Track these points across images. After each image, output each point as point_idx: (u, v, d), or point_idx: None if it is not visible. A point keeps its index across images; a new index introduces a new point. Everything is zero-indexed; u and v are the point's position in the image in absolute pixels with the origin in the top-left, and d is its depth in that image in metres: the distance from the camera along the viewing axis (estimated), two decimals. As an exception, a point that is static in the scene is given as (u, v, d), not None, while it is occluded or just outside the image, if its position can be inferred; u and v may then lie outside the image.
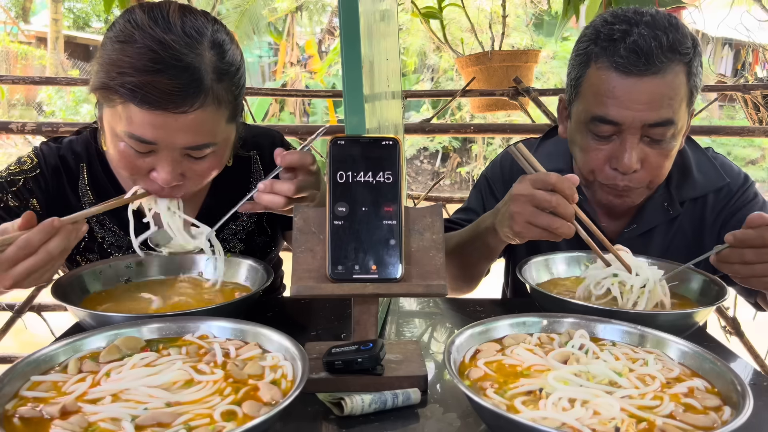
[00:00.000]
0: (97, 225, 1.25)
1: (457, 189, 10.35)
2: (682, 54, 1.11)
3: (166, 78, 0.97)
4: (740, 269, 1.02)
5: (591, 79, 1.16)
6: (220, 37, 1.05)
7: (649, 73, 1.10)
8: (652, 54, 1.09)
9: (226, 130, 1.09)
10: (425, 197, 2.89)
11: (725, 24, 2.90)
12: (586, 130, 1.18)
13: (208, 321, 0.87)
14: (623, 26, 1.12)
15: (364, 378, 0.82)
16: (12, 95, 10.33)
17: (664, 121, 1.12)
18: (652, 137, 1.14)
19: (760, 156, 10.28)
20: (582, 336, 0.86)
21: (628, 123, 1.12)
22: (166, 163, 1.04)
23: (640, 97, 1.11)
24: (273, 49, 12.56)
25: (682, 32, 1.13)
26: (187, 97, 0.99)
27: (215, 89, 1.02)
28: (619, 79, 1.11)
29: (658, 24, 1.11)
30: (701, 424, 0.67)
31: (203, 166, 1.08)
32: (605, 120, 1.14)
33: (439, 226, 0.87)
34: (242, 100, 1.13)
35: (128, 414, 0.66)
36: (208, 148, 1.06)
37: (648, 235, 1.31)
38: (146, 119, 0.99)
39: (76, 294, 1.06)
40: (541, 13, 4.99)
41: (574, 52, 1.22)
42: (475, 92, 2.65)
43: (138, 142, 1.02)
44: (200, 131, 1.03)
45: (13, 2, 12.99)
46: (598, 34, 1.16)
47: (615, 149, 1.16)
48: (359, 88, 0.85)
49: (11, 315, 2.62)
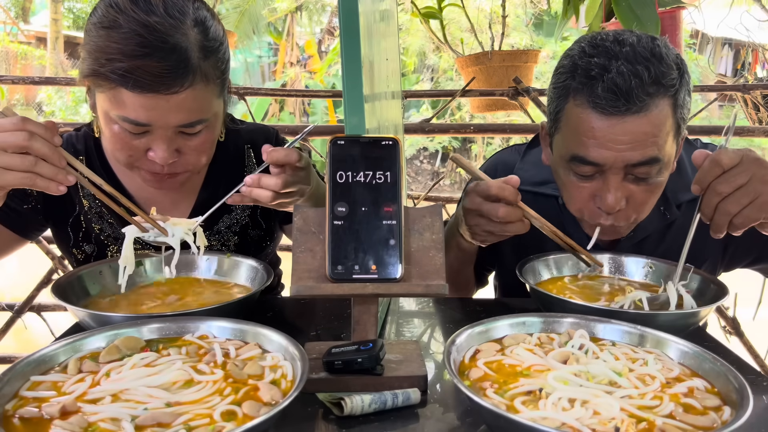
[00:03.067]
0: (96, 216, 1.26)
1: (457, 189, 10.35)
2: (666, 87, 1.05)
3: (154, 61, 0.99)
4: (726, 206, 0.96)
5: (570, 116, 1.10)
6: (201, 14, 1.08)
7: (630, 113, 1.03)
8: (632, 93, 1.02)
9: (216, 105, 1.12)
10: (425, 197, 2.89)
11: (725, 24, 2.90)
12: (568, 168, 1.13)
13: (207, 321, 0.87)
14: (601, 60, 1.05)
15: (364, 378, 0.82)
16: (12, 95, 10.32)
17: (648, 159, 1.06)
18: (636, 175, 1.09)
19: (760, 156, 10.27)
20: (582, 336, 0.86)
21: (610, 164, 1.07)
22: (161, 141, 1.07)
23: (622, 138, 1.05)
24: (273, 49, 12.55)
25: (666, 62, 1.05)
26: (176, 77, 1.01)
27: (203, 67, 1.05)
28: (599, 119, 1.05)
29: (638, 56, 1.04)
30: (701, 424, 0.67)
31: (197, 141, 1.11)
32: (585, 161, 1.09)
33: (438, 226, 0.87)
34: (228, 74, 1.15)
35: (128, 414, 0.66)
36: (200, 124, 1.09)
37: (646, 242, 1.28)
38: (138, 102, 1.01)
39: (76, 294, 1.06)
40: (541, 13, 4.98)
41: (553, 84, 1.15)
42: (475, 92, 2.65)
43: (132, 124, 1.04)
44: (192, 109, 1.06)
45: (13, 2, 12.99)
46: (575, 68, 1.09)
47: (598, 187, 1.11)
48: (359, 88, 0.85)
49: (11, 315, 2.62)
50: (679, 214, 1.27)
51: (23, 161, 0.89)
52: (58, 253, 2.53)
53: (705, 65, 8.83)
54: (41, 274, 2.60)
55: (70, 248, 1.28)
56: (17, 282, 5.40)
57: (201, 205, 1.29)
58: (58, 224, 1.29)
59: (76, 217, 1.27)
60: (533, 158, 1.36)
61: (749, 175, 0.94)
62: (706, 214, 0.99)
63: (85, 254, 1.28)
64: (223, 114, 1.18)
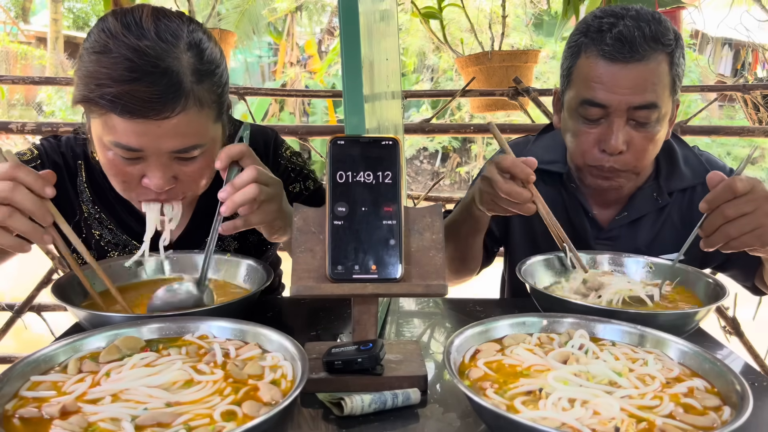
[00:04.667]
0: (96, 222, 1.25)
1: (457, 189, 10.35)
2: (664, 44, 1.19)
3: (143, 86, 0.96)
4: (728, 229, 1.01)
5: (581, 68, 1.24)
6: (196, 36, 1.04)
7: (633, 60, 1.18)
8: (636, 42, 1.17)
9: (213, 130, 1.08)
10: (425, 197, 2.89)
11: (725, 24, 2.90)
12: (577, 114, 1.25)
13: (207, 321, 0.87)
14: (610, 19, 1.21)
15: (363, 378, 0.82)
16: (12, 95, 10.32)
17: (648, 104, 1.19)
18: (637, 120, 1.21)
19: (760, 156, 10.28)
20: (582, 336, 0.86)
21: (615, 106, 1.20)
22: (155, 168, 1.04)
23: (626, 82, 1.19)
24: (273, 49, 12.55)
25: (665, 26, 1.21)
26: (167, 102, 0.97)
27: (196, 91, 1.01)
28: (606, 65, 1.20)
29: (642, 17, 1.20)
30: (701, 424, 0.67)
31: (193, 167, 1.07)
32: (593, 103, 1.21)
33: (439, 226, 0.87)
34: (227, 98, 1.12)
35: (128, 414, 0.66)
36: (196, 150, 1.05)
37: (637, 224, 1.36)
38: (129, 128, 0.98)
39: (76, 294, 1.06)
40: (541, 13, 4.98)
41: (567, 45, 1.30)
42: (475, 92, 2.65)
43: (124, 149, 1.01)
44: (186, 134, 1.02)
45: (13, 2, 12.98)
46: (588, 28, 1.24)
47: (603, 132, 1.23)
48: (359, 88, 0.85)
49: (11, 315, 2.62)
50: (670, 200, 1.36)
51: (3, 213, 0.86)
52: (58, 254, 2.53)
53: (705, 65, 8.82)
54: (41, 274, 2.60)
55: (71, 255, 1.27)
56: (17, 282, 5.40)
57: (200, 212, 1.27)
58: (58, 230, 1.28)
59: (77, 223, 1.26)
60: (543, 143, 1.48)
61: (756, 206, 1.00)
62: (707, 231, 1.04)
63: (84, 260, 1.27)
64: (222, 138, 1.14)
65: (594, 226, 1.37)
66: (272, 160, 1.32)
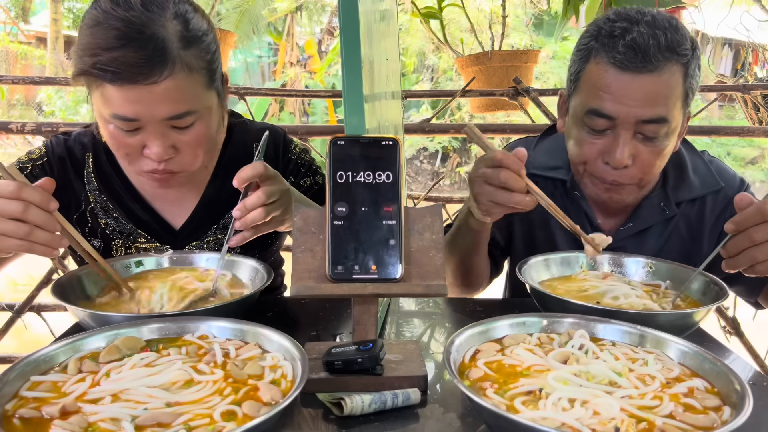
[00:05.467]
0: (101, 211, 1.29)
1: (457, 189, 10.35)
2: (679, 54, 1.13)
3: (130, 51, 1.01)
4: (754, 253, 0.98)
5: (589, 74, 1.19)
6: (182, 8, 1.10)
7: (646, 71, 1.12)
8: (650, 52, 1.11)
9: (205, 97, 1.12)
10: (425, 197, 2.89)
11: (725, 24, 2.90)
12: (582, 123, 1.21)
13: (207, 321, 0.87)
14: (624, 24, 1.15)
15: (363, 378, 0.82)
16: (12, 95, 10.32)
17: (657, 118, 1.14)
18: (645, 134, 1.16)
19: (760, 156, 10.28)
20: (582, 336, 0.86)
21: (622, 118, 1.15)
22: (153, 137, 1.08)
23: (636, 94, 1.13)
24: (273, 49, 12.54)
25: (682, 34, 1.15)
26: (154, 66, 1.03)
27: (183, 56, 1.06)
28: (616, 74, 1.14)
29: (658, 24, 1.14)
30: (701, 424, 0.67)
31: (191, 135, 1.12)
32: (600, 113, 1.16)
33: (438, 226, 0.87)
34: (218, 67, 1.16)
35: (128, 414, 0.66)
36: (190, 116, 1.09)
37: (643, 234, 1.32)
38: (123, 96, 1.04)
39: (76, 294, 1.06)
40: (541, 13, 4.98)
41: (576, 48, 1.24)
42: (475, 92, 2.65)
43: (121, 120, 1.06)
44: (177, 99, 1.06)
45: (13, 2, 12.98)
46: (599, 31, 1.18)
47: (608, 144, 1.19)
48: (359, 88, 0.85)
49: (11, 315, 2.62)
50: (678, 211, 1.32)
51: (19, 229, 0.91)
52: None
53: (705, 65, 8.82)
54: (41, 274, 2.60)
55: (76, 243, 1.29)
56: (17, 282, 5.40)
57: (207, 199, 1.31)
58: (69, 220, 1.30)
59: (82, 212, 1.28)
60: (544, 147, 1.43)
61: None
62: (731, 252, 1.01)
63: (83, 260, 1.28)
64: (219, 109, 1.19)
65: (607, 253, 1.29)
66: (282, 158, 1.37)
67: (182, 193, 1.31)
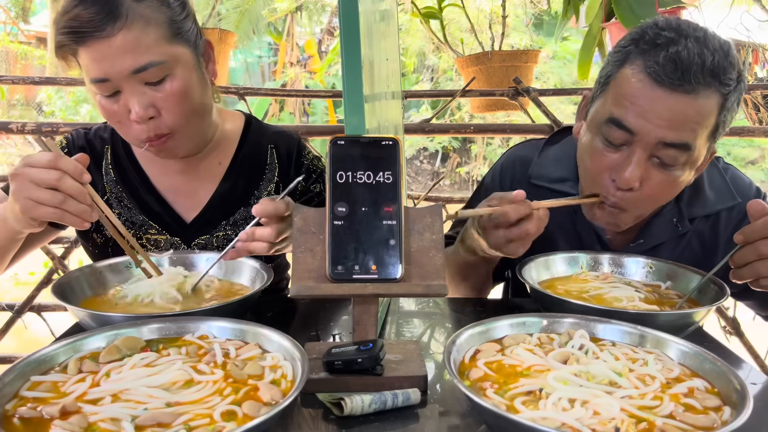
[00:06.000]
0: (116, 201, 1.33)
1: (457, 189, 10.34)
2: (722, 83, 1.03)
3: (82, 9, 1.08)
4: (760, 267, 0.97)
5: (620, 79, 1.09)
6: None
7: (681, 90, 1.02)
8: (691, 70, 1.01)
9: (171, 50, 1.15)
10: (425, 197, 2.89)
11: (725, 24, 2.89)
12: (598, 131, 1.12)
13: (208, 321, 0.87)
14: (671, 34, 1.04)
15: (364, 378, 0.82)
16: (12, 95, 10.31)
17: (681, 143, 1.05)
18: (662, 159, 1.07)
19: (760, 156, 10.27)
20: (582, 336, 0.86)
21: (642, 135, 1.05)
22: (130, 96, 1.13)
23: (664, 112, 1.03)
24: (273, 49, 12.53)
25: (730, 61, 1.04)
26: (105, 19, 1.08)
27: (137, 8, 1.11)
28: (649, 86, 1.04)
29: (708, 43, 1.03)
30: (701, 425, 0.67)
31: (166, 91, 1.14)
32: (621, 125, 1.07)
33: (439, 226, 0.87)
34: (186, 22, 1.19)
35: (128, 414, 0.66)
36: (155, 68, 1.12)
37: (655, 251, 1.27)
38: (89, 57, 1.10)
39: (76, 294, 1.06)
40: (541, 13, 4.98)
41: (613, 50, 1.14)
42: (475, 92, 2.65)
43: (97, 83, 1.12)
44: (135, 50, 1.10)
45: (13, 2, 12.97)
46: (642, 35, 1.08)
47: (620, 160, 1.10)
48: (359, 88, 0.85)
49: (11, 315, 2.62)
50: (691, 227, 1.26)
51: (54, 197, 0.95)
52: (58, 253, 2.53)
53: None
54: (41, 274, 2.60)
55: (90, 233, 1.34)
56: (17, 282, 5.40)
57: (220, 195, 1.34)
58: None
59: None
60: (551, 154, 1.36)
61: None
62: (737, 263, 1.00)
63: (104, 238, 1.33)
64: (197, 65, 1.21)
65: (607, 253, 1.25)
66: (295, 162, 1.40)
67: (195, 187, 1.35)
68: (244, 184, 1.36)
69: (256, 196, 1.36)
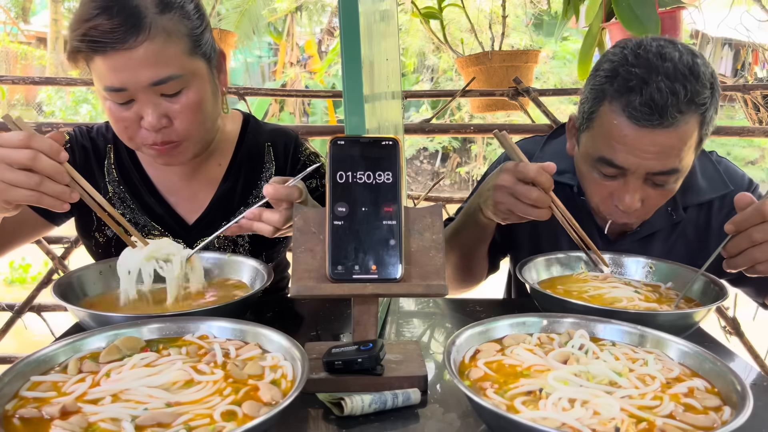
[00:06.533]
0: (119, 201, 1.32)
1: (457, 189, 10.35)
2: (698, 105, 1.10)
3: (105, 19, 1.05)
4: (754, 253, 0.99)
5: (603, 118, 1.15)
6: None
7: (661, 127, 1.09)
8: (667, 110, 1.08)
9: (190, 63, 1.13)
10: (425, 197, 2.88)
11: (725, 24, 2.89)
12: (593, 166, 1.20)
13: (208, 321, 0.87)
14: (642, 71, 1.10)
15: (364, 378, 0.82)
16: (12, 95, 10.30)
17: (668, 170, 1.14)
18: (655, 182, 1.16)
19: (760, 156, 10.27)
20: (582, 336, 0.86)
21: (633, 169, 1.14)
22: (145, 106, 1.11)
23: (650, 148, 1.11)
24: (273, 49, 12.54)
25: (702, 82, 1.10)
26: (128, 32, 1.05)
27: (159, 21, 1.08)
28: (631, 128, 1.11)
29: (678, 73, 1.09)
30: (701, 424, 0.67)
31: (181, 103, 1.13)
32: (611, 164, 1.15)
33: (439, 226, 0.87)
34: (205, 34, 1.18)
35: (128, 414, 0.66)
36: (174, 81, 1.11)
37: (650, 239, 1.32)
38: (107, 66, 1.07)
39: (76, 294, 1.06)
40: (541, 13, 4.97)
41: (590, 83, 1.20)
42: (475, 92, 2.65)
43: (112, 92, 1.10)
44: (157, 64, 1.08)
45: (13, 2, 12.97)
46: (615, 74, 1.13)
47: (618, 187, 1.18)
48: (359, 88, 0.85)
49: (11, 315, 2.62)
50: (685, 216, 1.31)
51: (29, 179, 0.91)
52: (58, 253, 2.53)
53: (705, 65, 8.79)
54: (41, 274, 2.60)
55: (92, 233, 1.33)
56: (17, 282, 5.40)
57: (220, 197, 1.34)
58: (82, 209, 1.32)
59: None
60: (553, 149, 1.41)
61: None
62: (731, 253, 1.02)
63: (106, 238, 1.32)
64: (211, 78, 1.20)
65: (604, 241, 1.33)
66: (291, 158, 1.40)
67: (197, 189, 1.35)
68: (244, 184, 1.35)
69: (255, 195, 1.36)
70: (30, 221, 1.28)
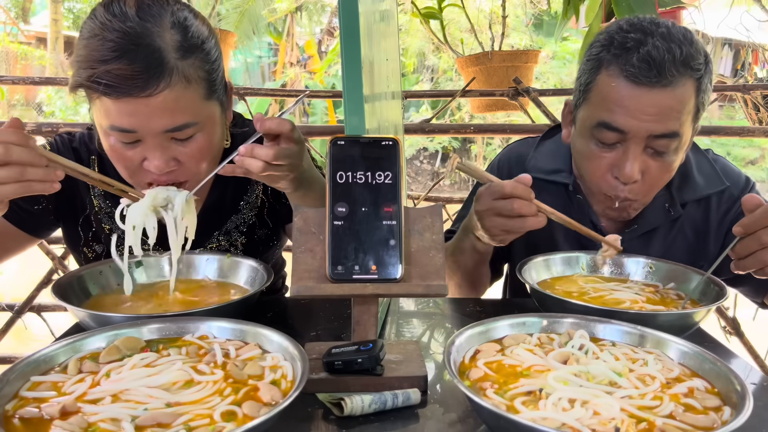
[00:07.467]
0: (105, 216, 1.28)
1: (457, 189, 10.35)
2: (693, 69, 1.11)
3: (125, 63, 0.98)
4: (763, 256, 0.99)
5: (600, 86, 1.16)
6: (181, 15, 1.06)
7: (659, 85, 1.09)
8: (665, 66, 1.09)
9: (206, 108, 1.09)
10: (425, 197, 2.89)
11: (725, 24, 2.90)
12: (591, 136, 1.18)
13: (208, 321, 0.87)
14: (638, 35, 1.12)
15: (364, 378, 0.82)
16: (12, 95, 10.31)
17: (669, 133, 1.12)
18: (655, 149, 1.14)
19: (760, 156, 10.28)
20: (582, 336, 0.86)
21: (634, 132, 1.12)
22: (153, 150, 1.05)
23: (649, 108, 1.11)
24: (273, 50, 12.55)
25: (696, 48, 1.12)
26: (149, 79, 0.99)
27: (180, 67, 1.02)
28: (629, 88, 1.11)
29: (673, 37, 1.11)
30: (701, 425, 0.67)
31: (192, 147, 1.08)
32: (611, 127, 1.14)
33: (439, 227, 0.87)
34: (220, 76, 1.13)
35: (128, 414, 0.66)
36: (190, 128, 1.06)
37: (648, 236, 1.31)
38: (120, 109, 1.01)
39: (76, 294, 1.06)
40: (541, 13, 4.98)
41: (586, 57, 1.21)
42: (475, 92, 2.65)
43: (120, 132, 1.04)
44: (175, 112, 1.03)
45: (13, 2, 12.97)
46: (611, 41, 1.15)
47: (617, 158, 1.16)
48: (359, 89, 0.85)
49: (11, 315, 2.62)
50: (683, 212, 1.31)
51: (10, 172, 0.88)
52: (58, 253, 2.53)
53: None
54: (41, 274, 2.60)
55: (80, 248, 1.29)
56: (17, 282, 5.40)
57: (210, 206, 1.30)
58: (69, 224, 1.29)
59: (87, 216, 1.28)
60: (546, 149, 1.41)
61: None
62: (740, 254, 1.02)
63: (95, 253, 1.29)
64: (222, 118, 1.15)
65: None
66: None
67: None
68: (233, 193, 1.31)
69: (245, 201, 1.32)
70: (11, 234, 1.24)
